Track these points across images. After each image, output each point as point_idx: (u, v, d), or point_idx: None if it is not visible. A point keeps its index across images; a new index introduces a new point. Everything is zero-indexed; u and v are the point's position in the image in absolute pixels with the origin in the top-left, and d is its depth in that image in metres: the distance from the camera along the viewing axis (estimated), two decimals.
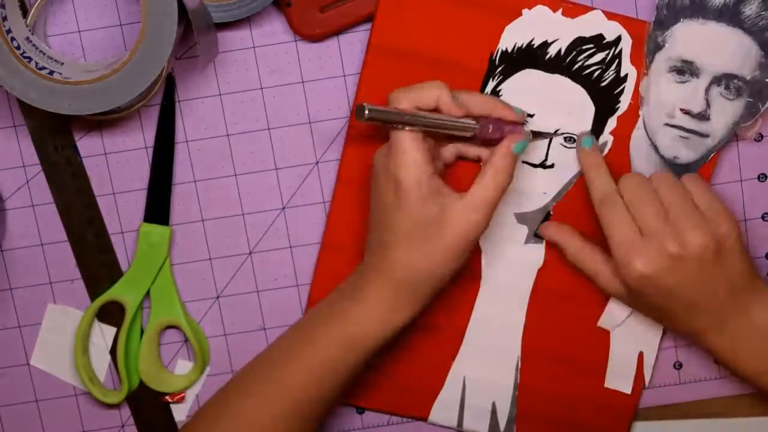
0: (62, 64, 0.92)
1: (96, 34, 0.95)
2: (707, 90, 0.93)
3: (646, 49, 0.93)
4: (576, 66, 0.93)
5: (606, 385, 0.97)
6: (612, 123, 0.94)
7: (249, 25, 0.95)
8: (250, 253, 0.97)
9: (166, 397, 0.98)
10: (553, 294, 0.96)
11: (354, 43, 0.95)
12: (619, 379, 0.97)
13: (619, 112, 0.94)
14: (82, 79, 0.90)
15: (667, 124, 0.93)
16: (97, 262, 0.97)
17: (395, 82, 0.90)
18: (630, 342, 0.96)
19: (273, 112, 0.96)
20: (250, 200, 0.96)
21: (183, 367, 0.98)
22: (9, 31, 0.90)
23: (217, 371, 0.98)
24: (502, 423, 0.97)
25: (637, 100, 0.93)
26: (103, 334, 0.97)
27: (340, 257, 0.95)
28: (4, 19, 0.89)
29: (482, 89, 0.94)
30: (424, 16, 0.93)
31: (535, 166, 0.94)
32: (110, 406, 0.97)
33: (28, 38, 0.92)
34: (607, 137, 0.94)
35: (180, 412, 0.98)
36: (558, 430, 0.97)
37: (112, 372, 0.98)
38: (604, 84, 0.93)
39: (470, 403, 0.97)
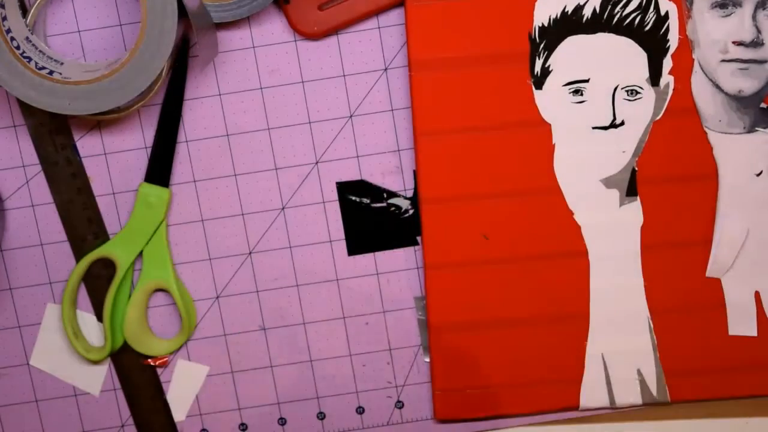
0: (62, 64, 0.92)
1: (96, 34, 0.95)
2: (753, 16, 0.93)
3: None
4: (615, 19, 0.93)
5: (730, 332, 0.96)
6: (668, 63, 0.94)
7: (249, 25, 0.95)
8: (250, 253, 0.97)
9: (149, 360, 0.98)
10: (663, 247, 0.95)
11: (354, 42, 0.95)
12: (741, 323, 0.96)
13: (671, 51, 0.94)
14: (82, 79, 0.90)
15: (723, 61, 0.93)
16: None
17: (446, 91, 0.92)
18: (743, 284, 0.96)
19: (273, 112, 0.96)
20: (250, 200, 0.97)
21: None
22: (9, 31, 0.90)
23: (217, 371, 0.98)
24: (653, 387, 0.97)
25: (684, 34, 0.93)
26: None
27: (440, 209, 0.95)
28: (4, 18, 0.89)
29: (530, 70, 0.94)
30: (454, 18, 0.93)
31: (606, 128, 0.95)
32: (94, 363, 0.98)
33: (27, 38, 0.92)
34: (667, 78, 0.94)
35: (180, 413, 0.99)
36: (711, 378, 0.97)
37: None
38: (647, 28, 0.93)
39: (616, 378, 0.97)
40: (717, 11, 0.93)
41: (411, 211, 0.97)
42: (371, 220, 0.97)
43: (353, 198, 0.97)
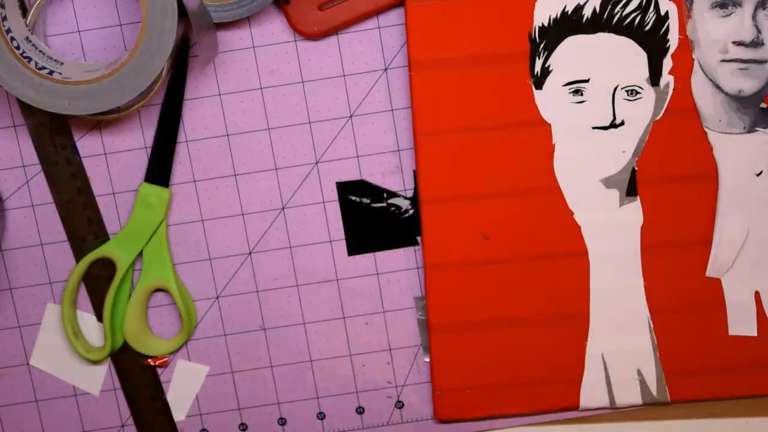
0: (62, 64, 0.92)
1: (96, 34, 0.95)
2: (753, 16, 0.93)
3: None
4: (615, 19, 0.93)
5: (730, 332, 0.96)
6: (668, 63, 0.94)
7: (249, 25, 0.95)
8: (250, 253, 0.97)
9: (149, 360, 0.98)
10: (663, 247, 0.95)
11: (354, 42, 0.95)
12: (741, 323, 0.96)
13: (671, 51, 0.94)
14: (82, 79, 0.90)
15: (723, 61, 0.93)
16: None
17: (446, 91, 0.92)
18: (743, 284, 0.96)
19: (273, 112, 0.96)
20: (250, 200, 0.97)
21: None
22: (9, 31, 0.90)
23: (217, 371, 0.98)
24: (653, 387, 0.97)
25: (684, 34, 0.94)
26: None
27: (440, 209, 0.95)
28: (4, 18, 0.89)
29: (530, 70, 0.94)
30: (453, 18, 0.93)
31: (606, 128, 0.95)
32: (94, 363, 0.98)
33: (27, 38, 0.92)
34: (667, 78, 0.94)
35: (180, 413, 0.99)
36: (711, 378, 0.97)
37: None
38: (647, 28, 0.93)
39: (616, 378, 0.97)
40: (717, 11, 0.93)
41: (411, 211, 0.97)
42: (371, 220, 0.97)
43: (353, 198, 0.97)
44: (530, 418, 0.98)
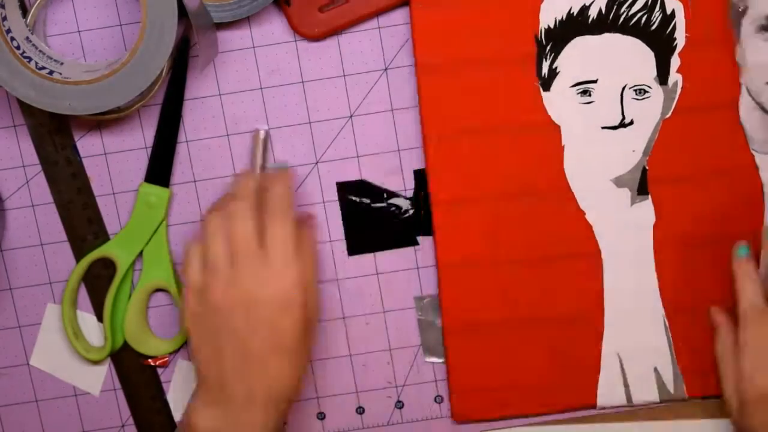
0: (62, 64, 0.92)
1: (96, 34, 0.95)
2: None
3: (731, 17, 0.92)
4: (621, 19, 0.93)
5: None
6: (675, 62, 0.94)
7: (249, 25, 0.95)
8: None
9: (149, 360, 0.98)
10: (676, 244, 0.95)
11: (354, 42, 0.94)
12: None
13: (678, 50, 0.93)
14: (82, 79, 0.90)
15: None
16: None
17: (453, 93, 0.93)
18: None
19: (273, 112, 0.96)
20: None
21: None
22: (9, 31, 0.90)
23: None
24: (670, 385, 0.97)
25: (691, 32, 0.93)
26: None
27: (452, 210, 0.95)
28: (4, 18, 0.90)
29: (537, 71, 0.94)
30: (459, 21, 0.93)
31: (615, 128, 0.94)
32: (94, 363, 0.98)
33: (28, 38, 0.92)
34: (675, 76, 0.94)
35: (180, 413, 0.98)
36: None
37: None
38: (654, 27, 0.93)
39: (632, 376, 0.97)
40: (764, 34, 0.92)
41: (411, 211, 0.97)
42: (371, 220, 0.97)
43: (353, 198, 0.97)
44: (547, 417, 0.98)
